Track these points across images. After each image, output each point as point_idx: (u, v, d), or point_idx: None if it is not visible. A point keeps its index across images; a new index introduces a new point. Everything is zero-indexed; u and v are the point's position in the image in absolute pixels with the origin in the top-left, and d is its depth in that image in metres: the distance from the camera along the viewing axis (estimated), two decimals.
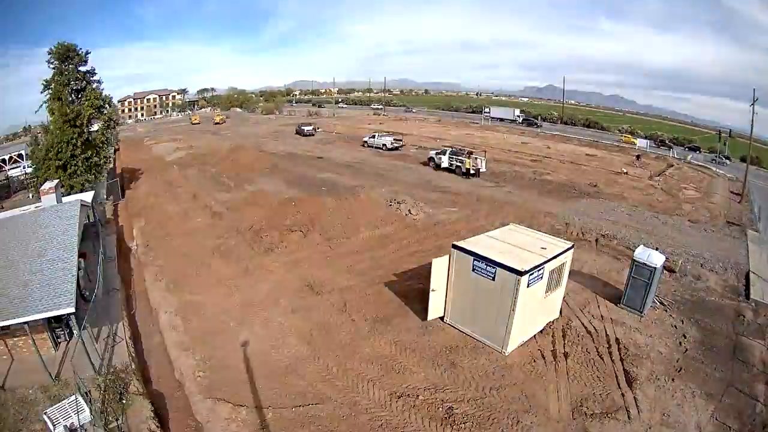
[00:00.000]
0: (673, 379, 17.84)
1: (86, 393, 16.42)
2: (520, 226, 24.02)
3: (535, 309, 19.80)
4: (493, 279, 18.64)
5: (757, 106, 52.37)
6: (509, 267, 18.12)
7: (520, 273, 17.72)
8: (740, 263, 28.31)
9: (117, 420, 16.00)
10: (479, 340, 19.78)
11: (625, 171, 55.14)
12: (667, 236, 32.47)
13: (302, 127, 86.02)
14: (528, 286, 18.16)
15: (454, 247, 20.23)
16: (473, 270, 19.34)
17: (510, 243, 20.50)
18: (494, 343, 19.29)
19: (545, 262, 18.98)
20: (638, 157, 65.81)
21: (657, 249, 24.10)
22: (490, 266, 18.73)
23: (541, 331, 20.60)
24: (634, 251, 22.96)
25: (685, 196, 47.41)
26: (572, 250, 21.17)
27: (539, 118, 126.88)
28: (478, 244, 20.30)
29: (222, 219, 36.69)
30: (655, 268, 21.34)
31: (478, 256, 19.26)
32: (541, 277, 19.03)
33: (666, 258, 23.51)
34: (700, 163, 69.95)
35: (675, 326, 21.45)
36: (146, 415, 16.48)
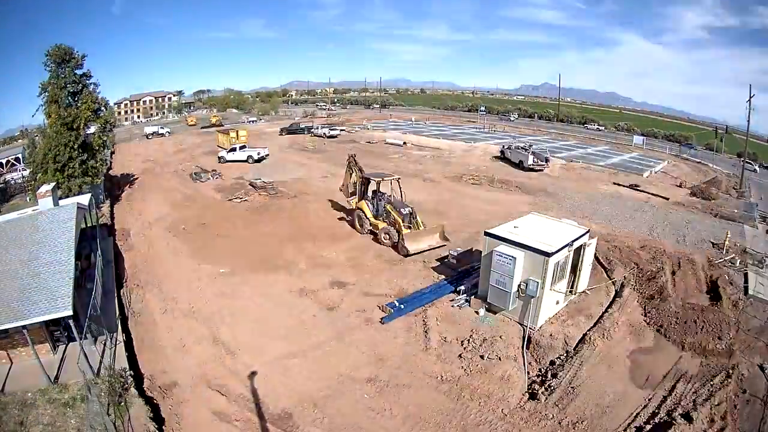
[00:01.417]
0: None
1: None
2: (541, 214, 25.91)
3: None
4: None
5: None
6: (538, 249, 20.04)
7: (548, 254, 19.71)
8: (739, 258, 28.39)
9: (116, 422, 15.96)
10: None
11: None
12: (666, 232, 32.59)
13: None
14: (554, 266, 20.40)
15: (487, 234, 22.24)
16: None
17: (534, 229, 22.58)
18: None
19: (567, 245, 21.10)
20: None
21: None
22: (519, 249, 20.54)
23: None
24: None
25: (682, 192, 47.49)
26: (588, 234, 23.12)
27: (535, 116, 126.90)
28: (505, 230, 22.18)
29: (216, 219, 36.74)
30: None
31: (508, 241, 21.06)
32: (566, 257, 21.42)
33: None
34: (697, 160, 70.19)
35: None
36: (145, 417, 16.43)
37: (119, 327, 21.66)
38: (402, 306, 22.67)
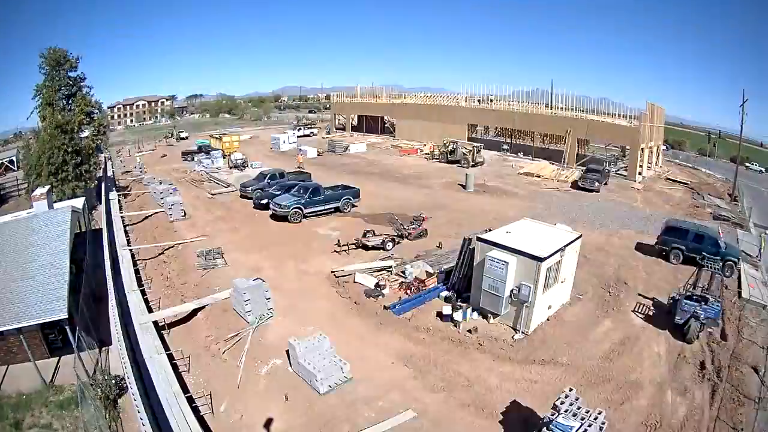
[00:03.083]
0: None
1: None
2: (534, 220, 25.64)
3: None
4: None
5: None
6: (530, 254, 19.87)
7: (540, 259, 19.58)
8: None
9: (111, 425, 15.89)
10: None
11: None
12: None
13: None
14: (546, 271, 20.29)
15: (479, 239, 21.91)
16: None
17: (527, 234, 22.58)
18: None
19: (559, 249, 21.00)
20: None
21: None
22: (511, 254, 20.40)
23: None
24: None
25: (676, 196, 47.77)
26: (580, 239, 23.33)
27: None
28: (497, 235, 22.12)
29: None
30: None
31: (500, 246, 20.89)
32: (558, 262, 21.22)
33: None
34: (689, 164, 70.70)
35: None
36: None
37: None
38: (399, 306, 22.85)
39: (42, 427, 15.98)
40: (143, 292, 23.80)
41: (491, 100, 71.80)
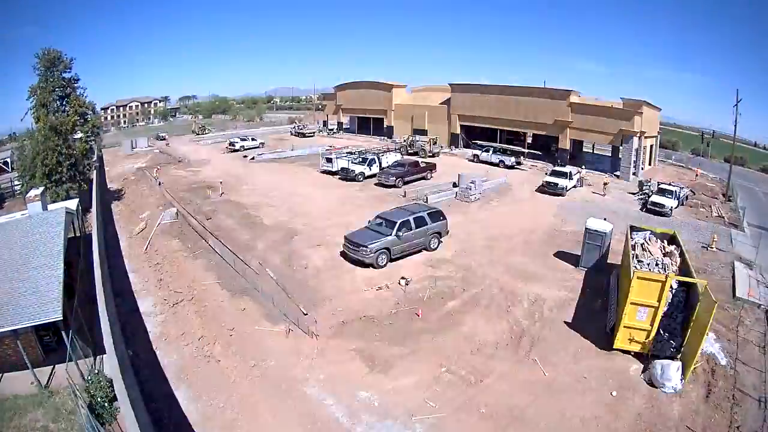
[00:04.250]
0: None
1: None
2: None
3: None
4: None
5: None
6: None
7: None
8: (726, 262, 28.70)
9: (106, 427, 15.82)
10: None
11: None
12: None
13: None
14: None
15: None
16: None
17: None
18: None
19: None
20: None
21: None
22: None
23: None
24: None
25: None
26: None
27: None
28: None
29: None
30: (605, 233, 26.46)
31: None
32: None
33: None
34: (681, 164, 70.88)
35: None
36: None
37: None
38: None
39: (38, 430, 15.88)
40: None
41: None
